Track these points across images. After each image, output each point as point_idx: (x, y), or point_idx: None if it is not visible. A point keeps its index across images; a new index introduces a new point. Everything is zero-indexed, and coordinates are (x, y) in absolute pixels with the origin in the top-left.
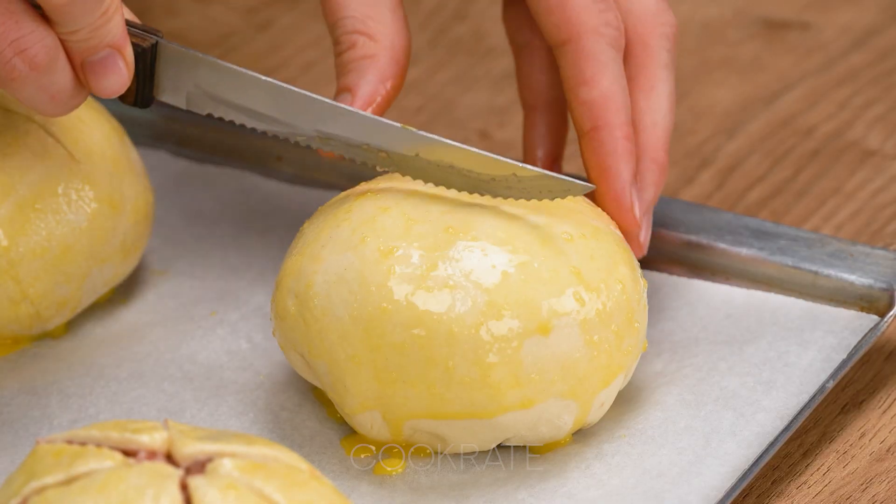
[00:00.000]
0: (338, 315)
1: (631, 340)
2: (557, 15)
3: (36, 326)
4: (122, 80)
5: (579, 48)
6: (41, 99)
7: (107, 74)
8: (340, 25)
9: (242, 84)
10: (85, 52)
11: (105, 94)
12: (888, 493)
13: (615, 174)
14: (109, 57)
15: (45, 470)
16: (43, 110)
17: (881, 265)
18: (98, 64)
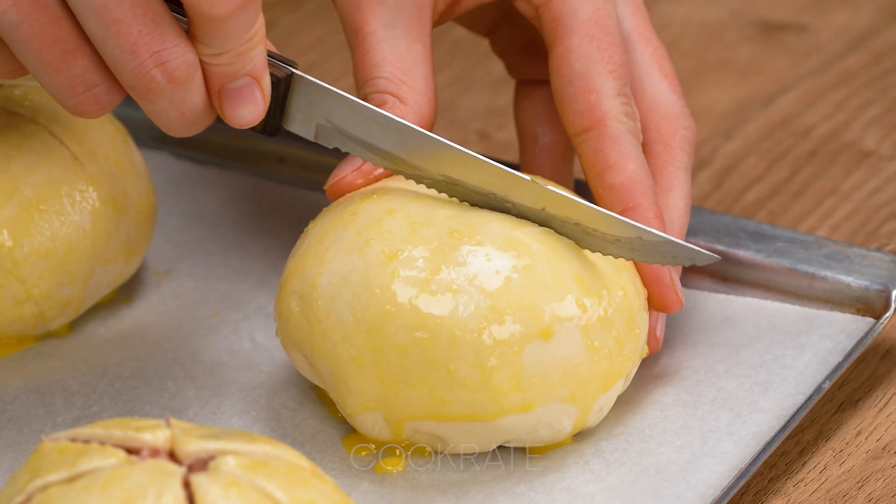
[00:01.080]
0: (341, 316)
1: (631, 346)
2: (582, 102)
3: (40, 326)
4: (257, 112)
5: (603, 134)
6: (171, 115)
7: (243, 104)
8: (372, 84)
9: (372, 122)
10: (225, 78)
11: (238, 124)
12: (884, 490)
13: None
14: (247, 86)
15: (49, 467)
16: (168, 126)
17: (877, 267)
18: (236, 92)
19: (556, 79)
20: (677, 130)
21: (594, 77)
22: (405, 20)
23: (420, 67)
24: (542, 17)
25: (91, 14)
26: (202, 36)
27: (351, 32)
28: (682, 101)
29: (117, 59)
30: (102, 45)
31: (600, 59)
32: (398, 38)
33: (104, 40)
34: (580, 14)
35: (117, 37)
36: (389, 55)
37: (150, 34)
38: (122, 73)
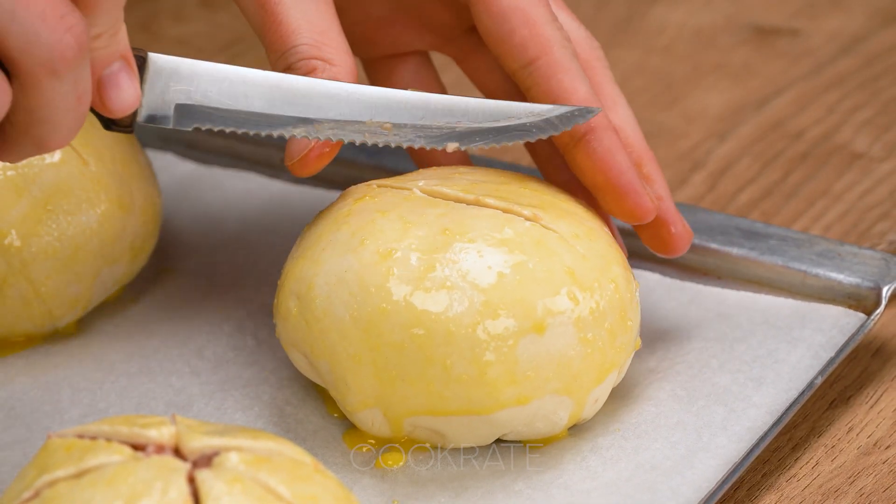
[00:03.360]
0: (338, 315)
1: (624, 338)
2: (522, 34)
3: (48, 324)
4: (135, 94)
5: (552, 61)
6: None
7: (122, 88)
8: (295, 52)
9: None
10: (103, 62)
11: (120, 111)
12: (875, 485)
13: (619, 167)
14: (123, 69)
15: (57, 463)
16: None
17: (868, 265)
18: (114, 77)
19: (486, 19)
20: (594, 52)
21: (527, 8)
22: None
23: (333, 26)
24: None
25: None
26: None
27: (257, 6)
28: (583, 27)
29: (27, 32)
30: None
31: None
32: (306, 3)
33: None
34: None
35: (27, 6)
36: (303, 21)
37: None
38: (32, 47)
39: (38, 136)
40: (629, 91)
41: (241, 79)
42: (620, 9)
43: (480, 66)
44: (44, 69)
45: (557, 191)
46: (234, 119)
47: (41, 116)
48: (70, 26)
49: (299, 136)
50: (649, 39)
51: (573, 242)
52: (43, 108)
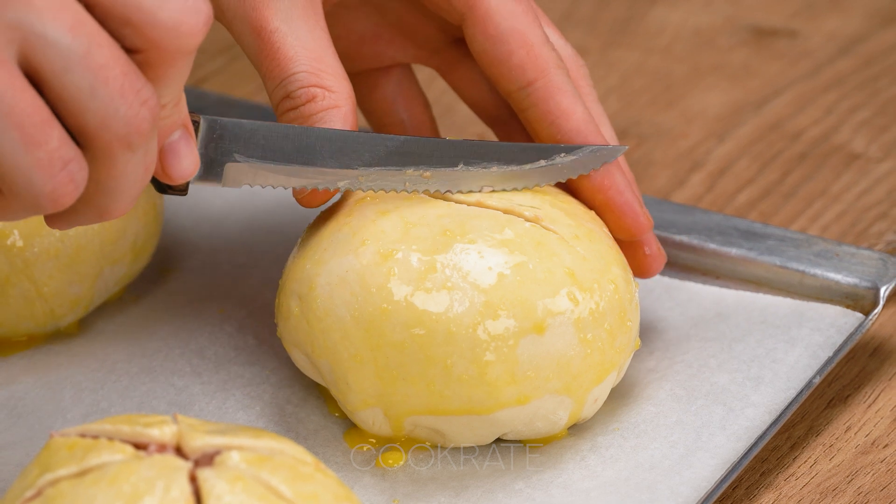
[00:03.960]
0: (340, 316)
1: (623, 338)
2: (520, 56)
3: (50, 324)
4: (196, 161)
5: (550, 83)
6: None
7: (183, 156)
8: (293, 80)
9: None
10: (166, 132)
11: (180, 178)
12: (873, 484)
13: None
14: (184, 138)
15: (59, 462)
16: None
17: (866, 265)
18: (175, 145)
19: (483, 41)
20: (580, 70)
21: (524, 30)
22: (300, 10)
23: (328, 52)
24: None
25: (75, 64)
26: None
27: (252, 34)
28: (569, 44)
29: (107, 107)
30: (89, 98)
31: (521, 11)
32: (300, 30)
33: (91, 91)
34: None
35: (106, 83)
36: (300, 48)
37: (130, 74)
38: (111, 122)
39: (102, 205)
40: (628, 91)
41: (284, 135)
42: (620, 9)
43: (465, 78)
44: (120, 143)
45: (558, 192)
46: (281, 175)
47: (110, 187)
48: (145, 100)
49: (343, 188)
50: (649, 40)
51: (573, 243)
52: (113, 179)
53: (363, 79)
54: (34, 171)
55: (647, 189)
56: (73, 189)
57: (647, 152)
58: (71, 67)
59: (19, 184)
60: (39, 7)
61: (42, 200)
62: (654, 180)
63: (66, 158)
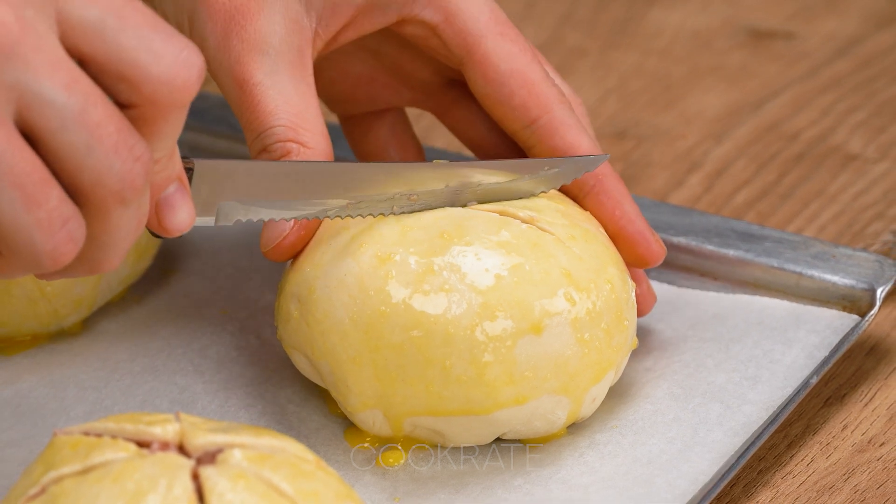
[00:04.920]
0: (339, 318)
1: (620, 338)
2: (522, 96)
3: (53, 324)
4: (191, 213)
5: (554, 119)
6: (132, 227)
7: (179, 209)
8: (271, 134)
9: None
10: (160, 186)
11: (176, 231)
12: (869, 482)
13: (628, 216)
14: (179, 191)
15: (63, 460)
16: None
17: (863, 266)
18: (171, 199)
19: (484, 85)
20: (577, 109)
21: (524, 70)
22: (286, 64)
23: (310, 108)
24: (444, 33)
25: (71, 122)
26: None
27: (236, 85)
28: (564, 82)
29: (102, 164)
30: (85, 156)
31: (519, 51)
32: (284, 84)
33: (88, 149)
34: (481, 18)
35: (101, 140)
36: (281, 102)
37: (124, 131)
38: (106, 179)
39: (95, 260)
40: (627, 92)
41: (275, 171)
42: (619, 11)
43: (461, 119)
44: (114, 199)
45: (554, 193)
46: (273, 210)
47: (103, 242)
48: (138, 156)
49: (332, 217)
50: (647, 42)
51: (569, 244)
52: (106, 234)
53: (357, 122)
54: (35, 230)
55: (646, 190)
56: (73, 247)
57: (646, 153)
58: (67, 126)
59: (20, 244)
60: (35, 66)
61: (42, 259)
62: (653, 181)
63: (65, 217)
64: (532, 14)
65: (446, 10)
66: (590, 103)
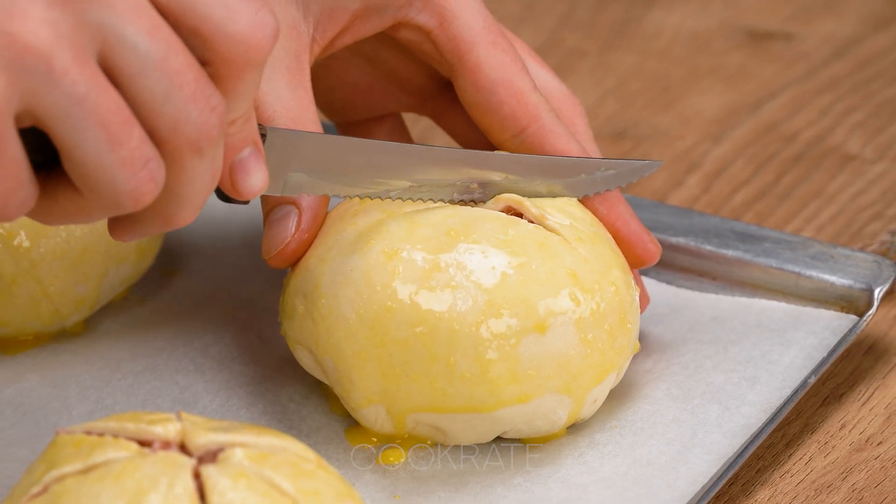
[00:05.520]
0: (344, 314)
1: (623, 340)
2: (511, 105)
3: (56, 323)
4: (265, 178)
5: (542, 127)
6: (205, 180)
7: (253, 173)
8: None
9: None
10: (235, 148)
11: (249, 194)
12: (867, 481)
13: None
14: (253, 154)
15: (65, 459)
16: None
17: (861, 267)
18: (245, 162)
19: (474, 93)
20: (576, 110)
21: (513, 79)
22: (284, 70)
23: (308, 113)
24: (438, 38)
25: (152, 68)
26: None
27: None
28: (563, 84)
29: (179, 111)
30: (163, 102)
31: (509, 61)
32: (282, 89)
33: (166, 95)
34: (475, 26)
35: (180, 87)
36: (279, 108)
37: (201, 81)
38: (182, 126)
39: (169, 213)
40: (626, 93)
41: (344, 146)
42: (618, 13)
43: (458, 122)
44: (190, 148)
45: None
46: (337, 185)
47: (177, 194)
48: (214, 106)
49: (394, 198)
50: (646, 43)
51: (575, 245)
52: (181, 185)
53: (356, 129)
54: (117, 169)
55: (644, 190)
56: (154, 187)
57: (645, 154)
58: (148, 71)
59: (102, 182)
60: (121, 10)
61: (123, 199)
62: (651, 181)
63: (146, 157)
64: (531, 15)
65: (441, 15)
66: (589, 104)
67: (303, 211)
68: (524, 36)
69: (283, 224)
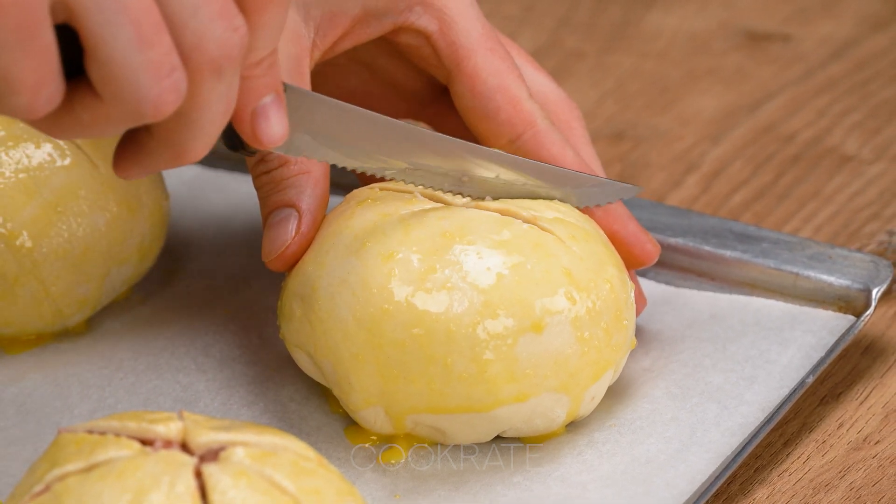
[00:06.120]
0: (341, 316)
1: (619, 337)
2: (507, 111)
3: (58, 323)
4: (284, 128)
5: (538, 134)
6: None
7: (273, 119)
8: None
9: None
10: (258, 93)
11: (269, 143)
12: (865, 480)
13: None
14: (275, 102)
15: (67, 458)
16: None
17: (858, 267)
18: (267, 108)
19: (471, 98)
20: (572, 113)
21: (509, 86)
22: (285, 74)
23: None
24: (437, 43)
25: None
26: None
27: None
28: (560, 88)
29: (205, 27)
30: (192, 14)
31: (506, 68)
32: None
33: (195, 8)
34: (473, 33)
35: (208, 3)
36: None
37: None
38: (206, 42)
39: (181, 143)
40: (625, 95)
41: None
42: (617, 15)
43: (455, 129)
44: (210, 66)
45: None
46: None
47: (192, 119)
48: (237, 27)
49: (388, 178)
50: (645, 44)
51: (570, 244)
52: (197, 109)
53: None
54: (144, 72)
55: (643, 191)
56: (176, 97)
57: (643, 154)
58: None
59: (127, 85)
60: None
61: (145, 106)
62: (650, 182)
63: (172, 65)
64: (530, 17)
65: (441, 21)
66: (588, 105)
67: (302, 214)
68: (524, 37)
69: (283, 227)
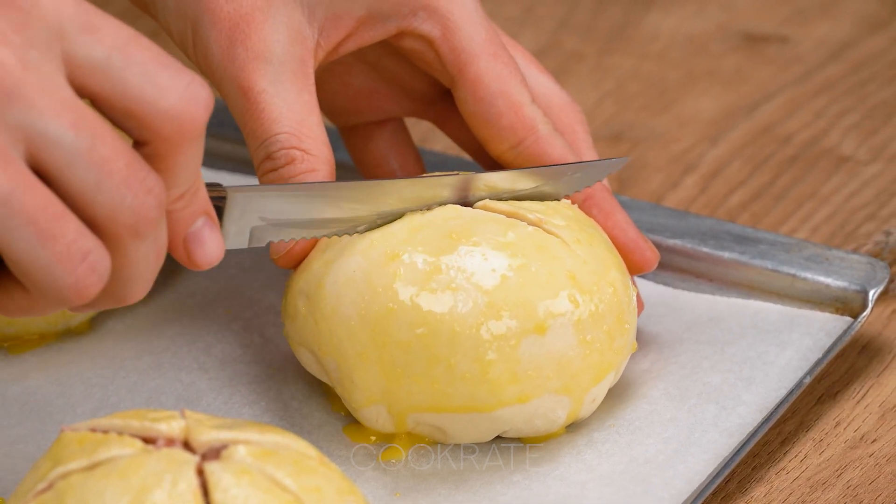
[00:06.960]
0: (346, 315)
1: (621, 340)
2: (510, 117)
3: (61, 323)
4: (221, 247)
5: (539, 139)
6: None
7: (208, 244)
8: (275, 142)
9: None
10: (186, 222)
11: (206, 265)
12: (862, 478)
13: (621, 226)
14: (206, 225)
15: (70, 456)
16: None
17: (855, 268)
18: (199, 234)
19: (473, 103)
20: (575, 116)
21: (512, 92)
22: (289, 73)
23: (312, 116)
24: (441, 48)
25: (79, 160)
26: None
27: (239, 93)
28: (563, 90)
29: (113, 199)
30: (96, 191)
31: (509, 74)
32: (287, 92)
33: (97, 184)
34: (476, 38)
35: (111, 175)
36: (285, 110)
37: (134, 165)
38: (118, 213)
39: (119, 293)
40: (623, 96)
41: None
42: (615, 17)
43: (460, 128)
44: (129, 232)
45: None
46: (303, 230)
47: (124, 276)
48: (150, 188)
49: (361, 232)
50: (643, 46)
51: (574, 247)
52: (126, 267)
53: (359, 132)
54: (54, 265)
55: (642, 192)
56: (97, 279)
57: (642, 155)
58: (76, 163)
59: (41, 280)
60: (40, 107)
61: (66, 293)
62: (649, 182)
63: (85, 250)
64: (530, 19)
65: (444, 26)
66: (587, 107)
67: None
68: (524, 38)
69: None
